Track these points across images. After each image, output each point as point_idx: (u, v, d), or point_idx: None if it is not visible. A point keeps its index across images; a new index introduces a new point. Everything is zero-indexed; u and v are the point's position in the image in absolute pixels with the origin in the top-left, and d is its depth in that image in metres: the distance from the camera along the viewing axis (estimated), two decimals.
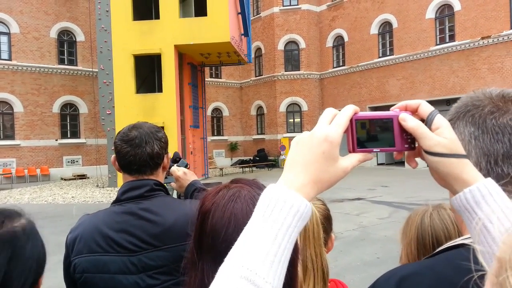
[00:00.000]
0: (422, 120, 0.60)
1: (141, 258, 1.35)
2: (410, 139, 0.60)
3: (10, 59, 21.26)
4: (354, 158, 0.59)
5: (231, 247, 0.73)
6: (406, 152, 0.63)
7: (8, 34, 21.35)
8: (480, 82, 18.64)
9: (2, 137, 21.09)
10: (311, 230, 1.24)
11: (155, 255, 1.36)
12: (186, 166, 1.91)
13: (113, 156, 1.53)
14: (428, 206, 1.28)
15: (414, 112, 0.62)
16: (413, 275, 0.67)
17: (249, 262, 0.50)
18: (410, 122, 0.59)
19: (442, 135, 0.58)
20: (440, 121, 0.59)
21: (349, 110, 0.59)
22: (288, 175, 0.56)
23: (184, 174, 1.78)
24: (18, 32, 21.46)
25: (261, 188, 0.84)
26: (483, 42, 18.88)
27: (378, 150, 0.60)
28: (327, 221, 1.38)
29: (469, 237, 0.69)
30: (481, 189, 0.56)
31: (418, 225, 1.23)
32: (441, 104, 18.92)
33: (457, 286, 0.61)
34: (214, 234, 0.78)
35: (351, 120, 0.59)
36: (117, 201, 1.47)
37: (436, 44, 20.81)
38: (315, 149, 0.56)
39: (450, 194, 0.74)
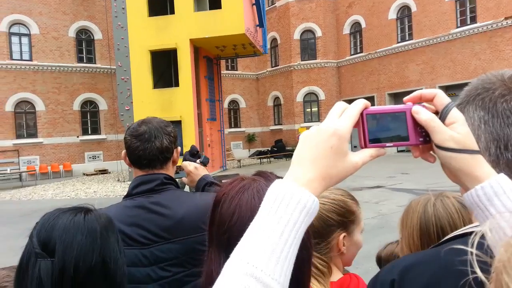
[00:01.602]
0: (437, 113, 0.59)
1: (152, 251, 1.38)
2: (424, 133, 0.58)
3: (31, 60, 21.78)
4: (366, 153, 0.57)
5: (232, 238, 0.73)
6: (421, 147, 0.61)
7: (28, 35, 21.85)
8: (503, 64, 18.04)
9: (25, 136, 21.70)
10: None
11: (166, 247, 1.38)
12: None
13: (124, 151, 1.55)
14: (429, 195, 1.24)
15: (430, 101, 0.60)
16: (416, 264, 0.66)
17: (255, 259, 0.49)
18: (423, 115, 0.57)
19: (456, 129, 0.57)
20: (456, 115, 0.58)
21: (359, 104, 0.58)
22: (295, 170, 0.55)
23: (195, 169, 1.79)
24: (38, 33, 21.93)
25: (272, 181, 0.84)
26: (507, 22, 18.22)
27: (392, 144, 0.59)
28: (338, 216, 1.32)
29: (476, 226, 0.67)
30: (493, 186, 0.55)
31: (420, 214, 1.19)
32: (462, 88, 18.37)
33: (462, 274, 0.60)
34: (219, 223, 0.79)
35: (362, 115, 0.58)
36: (128, 196, 1.49)
37: (457, 27, 20.21)
38: (323, 143, 0.55)
39: (461, 189, 0.71)
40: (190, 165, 1.81)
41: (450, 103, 0.58)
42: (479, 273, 0.40)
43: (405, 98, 0.61)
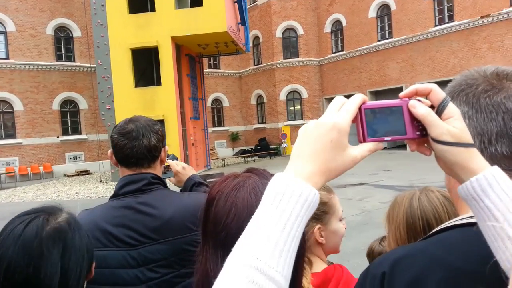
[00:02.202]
0: (432, 107, 0.60)
1: (140, 252, 1.36)
2: (421, 126, 0.60)
3: (7, 58, 21.20)
4: (364, 148, 0.58)
5: (230, 236, 0.72)
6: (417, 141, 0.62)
7: (4, 32, 21.25)
8: (480, 62, 18.49)
9: (3, 136, 21.13)
10: None
11: (154, 248, 1.37)
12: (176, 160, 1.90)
13: (110, 150, 1.52)
14: (414, 190, 1.28)
15: (425, 96, 0.61)
16: (406, 257, 0.67)
17: (259, 252, 0.49)
18: (420, 109, 0.58)
19: (452, 124, 0.58)
20: (453, 109, 0.59)
21: (358, 98, 0.58)
22: (295, 164, 0.56)
23: (183, 168, 1.77)
24: (14, 30, 21.35)
25: (268, 178, 0.84)
26: (483, 21, 18.67)
27: (389, 138, 0.59)
28: (323, 206, 1.37)
29: (462, 219, 0.69)
30: (487, 177, 0.56)
31: (406, 209, 1.22)
32: (442, 86, 17.79)
33: (451, 266, 0.61)
34: (215, 222, 0.79)
35: (360, 109, 0.58)
36: (115, 196, 1.47)
37: (435, 25, 20.61)
38: (323, 137, 0.55)
39: (446, 178, 0.73)
40: (177, 165, 1.79)
41: (446, 98, 0.59)
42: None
43: (401, 94, 0.62)
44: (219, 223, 0.78)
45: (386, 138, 0.59)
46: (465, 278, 0.60)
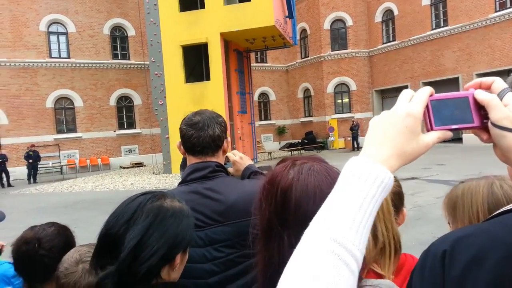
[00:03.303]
0: None
1: (207, 233, 1.48)
2: (488, 115, 0.61)
3: (68, 57, 22.62)
4: (434, 135, 0.61)
5: None
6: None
7: (66, 33, 22.67)
8: None
9: (65, 131, 22.64)
10: (381, 208, 1.26)
11: (219, 230, 1.48)
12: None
13: (178, 141, 1.67)
14: (490, 178, 1.25)
15: (488, 88, 0.63)
16: (467, 236, 0.70)
17: (337, 226, 0.52)
18: (483, 95, 0.61)
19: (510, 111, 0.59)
20: (510, 98, 0.60)
21: (427, 90, 0.61)
22: (370, 149, 0.58)
23: (240, 159, 1.88)
24: (74, 31, 22.72)
25: (325, 161, 0.88)
26: None
27: (457, 127, 0.61)
28: (396, 196, 1.42)
29: None
30: None
31: (487, 197, 1.20)
32: (502, 75, 17.20)
33: (511, 246, 0.62)
34: (300, 206, 0.79)
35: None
36: (183, 182, 1.60)
37: (496, 11, 19.33)
38: (398, 124, 0.58)
39: (509, 168, 0.75)
40: (235, 155, 1.91)
41: (506, 88, 0.62)
42: None
43: (466, 85, 0.65)
44: (306, 208, 0.78)
45: (453, 127, 0.62)
46: None
